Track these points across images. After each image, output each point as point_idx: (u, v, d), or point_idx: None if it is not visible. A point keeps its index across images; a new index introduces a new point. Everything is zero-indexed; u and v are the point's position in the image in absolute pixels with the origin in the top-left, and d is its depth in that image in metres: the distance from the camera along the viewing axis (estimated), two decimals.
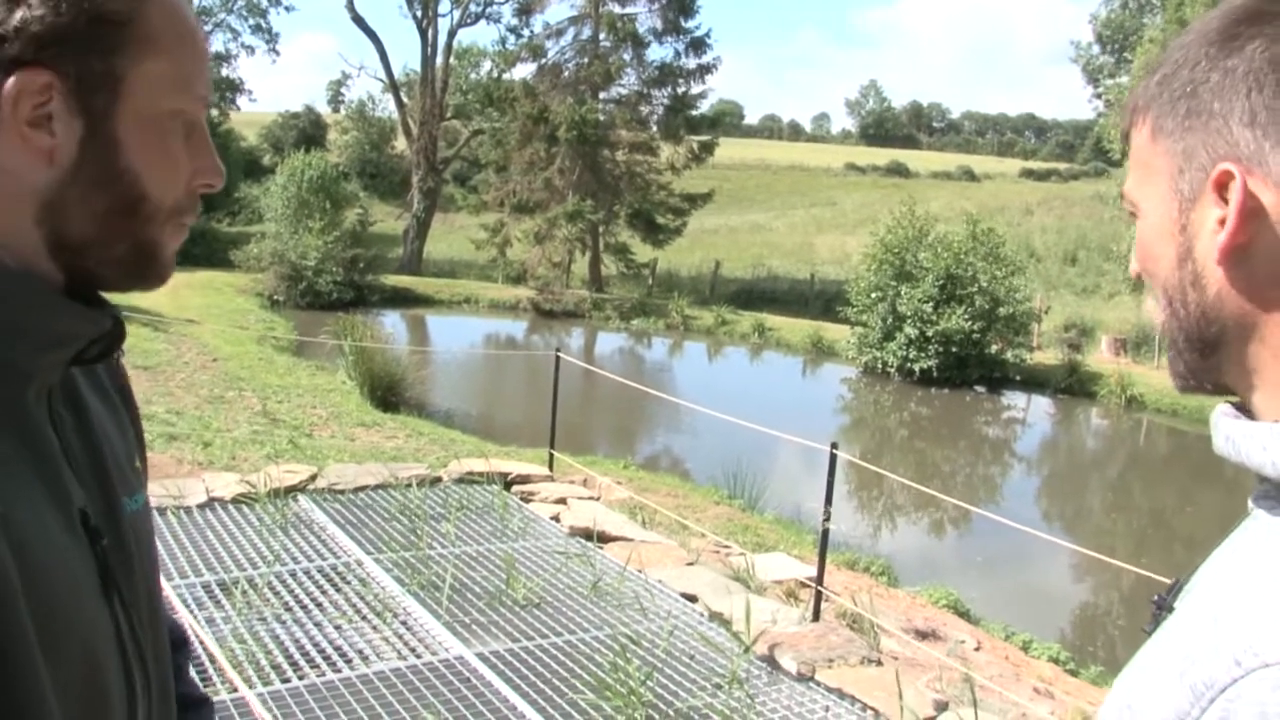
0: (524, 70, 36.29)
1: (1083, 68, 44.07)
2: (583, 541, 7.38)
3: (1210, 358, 0.90)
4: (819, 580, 6.70)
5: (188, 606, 5.57)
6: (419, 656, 5.26)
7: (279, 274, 27.97)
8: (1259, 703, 0.70)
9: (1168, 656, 0.81)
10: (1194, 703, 0.74)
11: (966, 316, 23.07)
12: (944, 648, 7.48)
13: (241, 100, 51.52)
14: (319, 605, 5.80)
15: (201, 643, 5.09)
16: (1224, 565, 0.89)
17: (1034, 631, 9.50)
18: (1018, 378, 24.56)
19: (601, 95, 35.36)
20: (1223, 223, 0.85)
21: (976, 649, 7.92)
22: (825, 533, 6.65)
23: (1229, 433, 0.88)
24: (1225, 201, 0.85)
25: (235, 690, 4.68)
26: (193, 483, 7.77)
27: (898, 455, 19.94)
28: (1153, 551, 13.65)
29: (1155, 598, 1.04)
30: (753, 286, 37.72)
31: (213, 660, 4.95)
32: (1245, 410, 0.92)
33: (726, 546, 8.79)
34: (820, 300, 33.70)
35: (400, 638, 5.48)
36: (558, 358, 9.32)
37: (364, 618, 5.70)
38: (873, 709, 5.22)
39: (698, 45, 35.35)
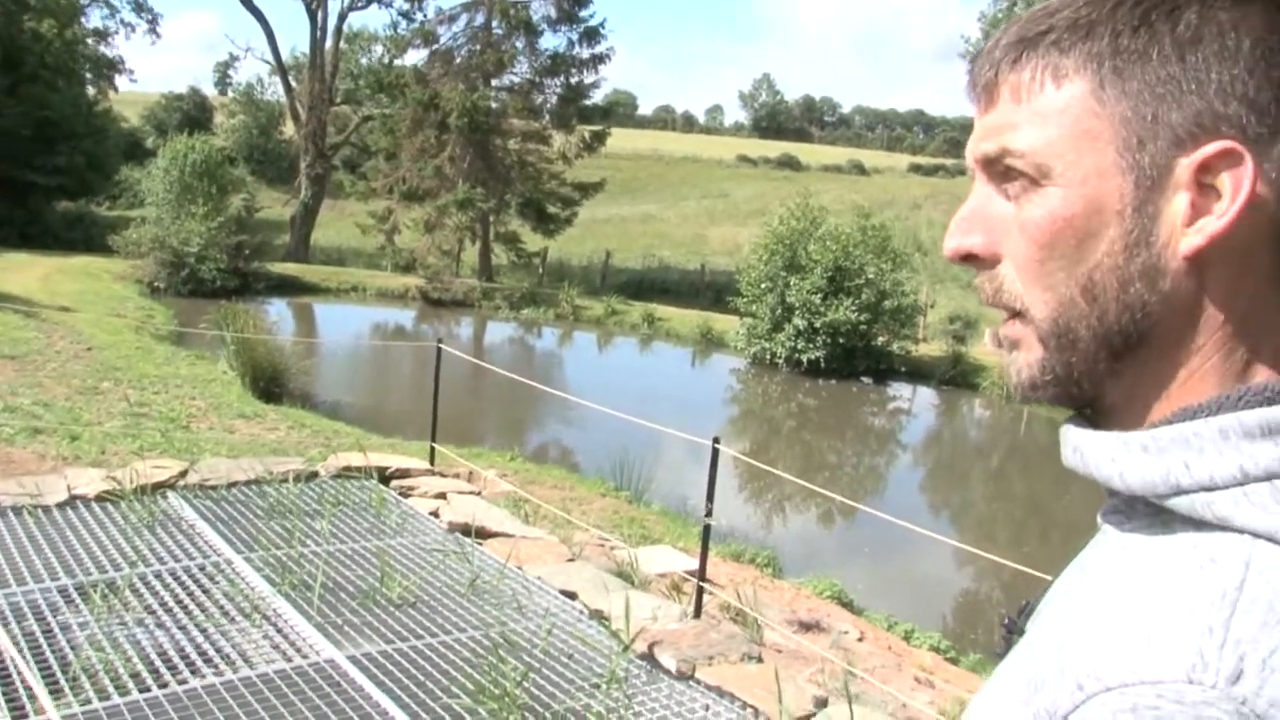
0: (415, 56, 35.93)
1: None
2: (461, 538, 7.23)
3: (1115, 362, 0.80)
4: (701, 576, 6.66)
5: (39, 613, 5.32)
6: (288, 660, 5.08)
7: (159, 260, 27.23)
8: None
9: (1016, 681, 0.76)
10: None
11: (854, 308, 23.33)
12: (827, 639, 7.50)
13: (121, 80, 50.09)
14: (184, 608, 5.58)
15: (54, 651, 4.86)
16: (1072, 585, 0.84)
17: (916, 620, 9.59)
18: (903, 369, 24.91)
19: (494, 83, 35.10)
20: (1195, 206, 0.75)
21: (859, 640, 7.97)
22: (707, 529, 6.61)
23: (1077, 444, 0.82)
24: (1204, 187, 0.75)
25: (89, 702, 4.47)
26: (53, 480, 7.44)
27: (785, 446, 20.09)
28: (1031, 539, 13.91)
29: (1004, 620, 0.99)
30: (643, 277, 37.81)
31: (65, 670, 4.72)
32: (1094, 422, 0.85)
33: (610, 540, 8.72)
34: (711, 291, 33.86)
35: (269, 640, 5.28)
36: (439, 350, 9.15)
37: (232, 620, 5.50)
38: (752, 707, 5.18)
39: (591, 35, 35.24)
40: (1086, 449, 0.81)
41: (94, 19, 44.37)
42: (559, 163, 35.67)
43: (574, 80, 35.73)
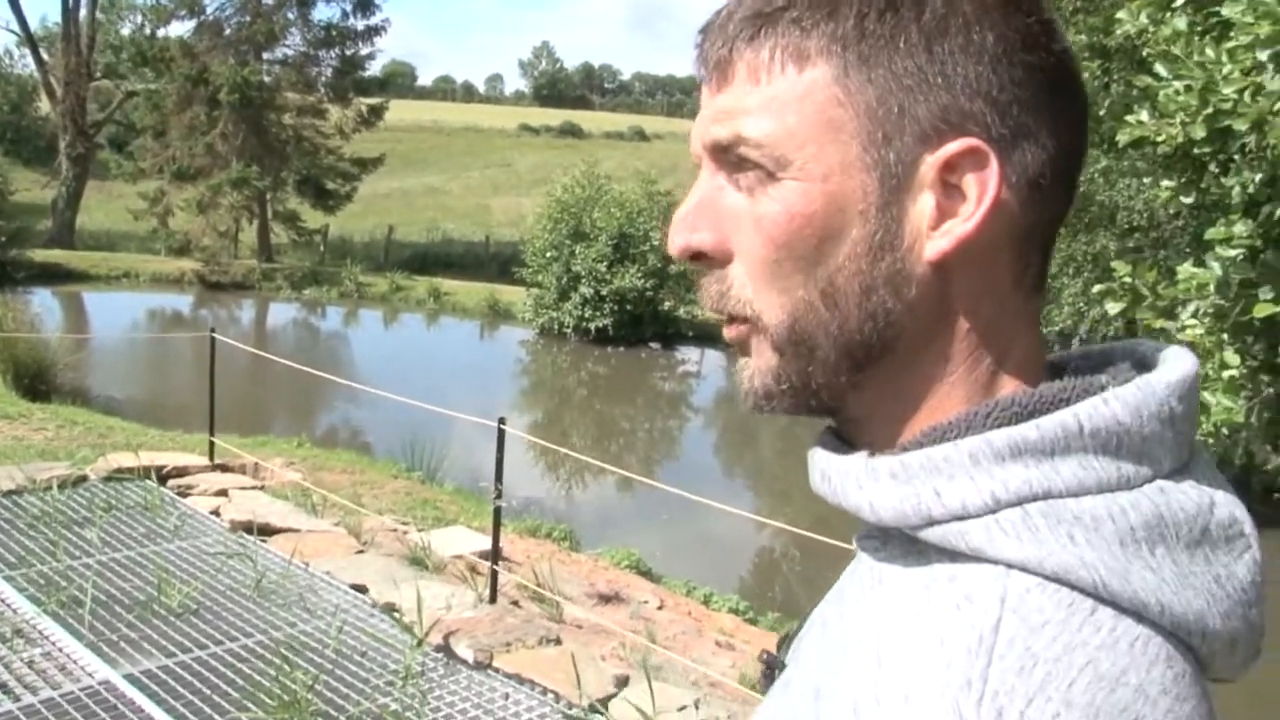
0: (181, 28, 34.44)
1: None
2: (245, 537, 6.95)
3: (857, 373, 0.74)
4: (494, 559, 6.57)
5: None
6: (56, 687, 4.75)
7: None
8: None
9: None
10: None
11: (640, 275, 23.56)
12: (627, 610, 7.54)
13: None
14: None
15: None
16: (831, 618, 0.79)
17: (715, 584, 9.74)
18: (691, 333, 25.29)
19: (265, 56, 33.98)
20: (940, 208, 0.71)
21: (660, 608, 8.04)
22: (498, 511, 6.52)
23: (824, 469, 0.76)
24: (949, 187, 0.71)
25: None
26: None
27: (577, 415, 20.18)
28: None
29: (764, 655, 0.93)
30: (427, 251, 37.31)
31: None
32: (843, 437, 0.80)
33: (405, 524, 8.57)
34: (496, 263, 33.65)
35: (33, 667, 4.94)
36: (213, 339, 8.78)
37: None
38: (553, 692, 5.14)
39: (366, 5, 34.43)
40: (834, 475, 0.75)
41: None
42: (337, 137, 34.83)
43: (349, 52, 34.92)
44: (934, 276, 0.71)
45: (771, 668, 0.90)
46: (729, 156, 0.75)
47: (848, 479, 0.73)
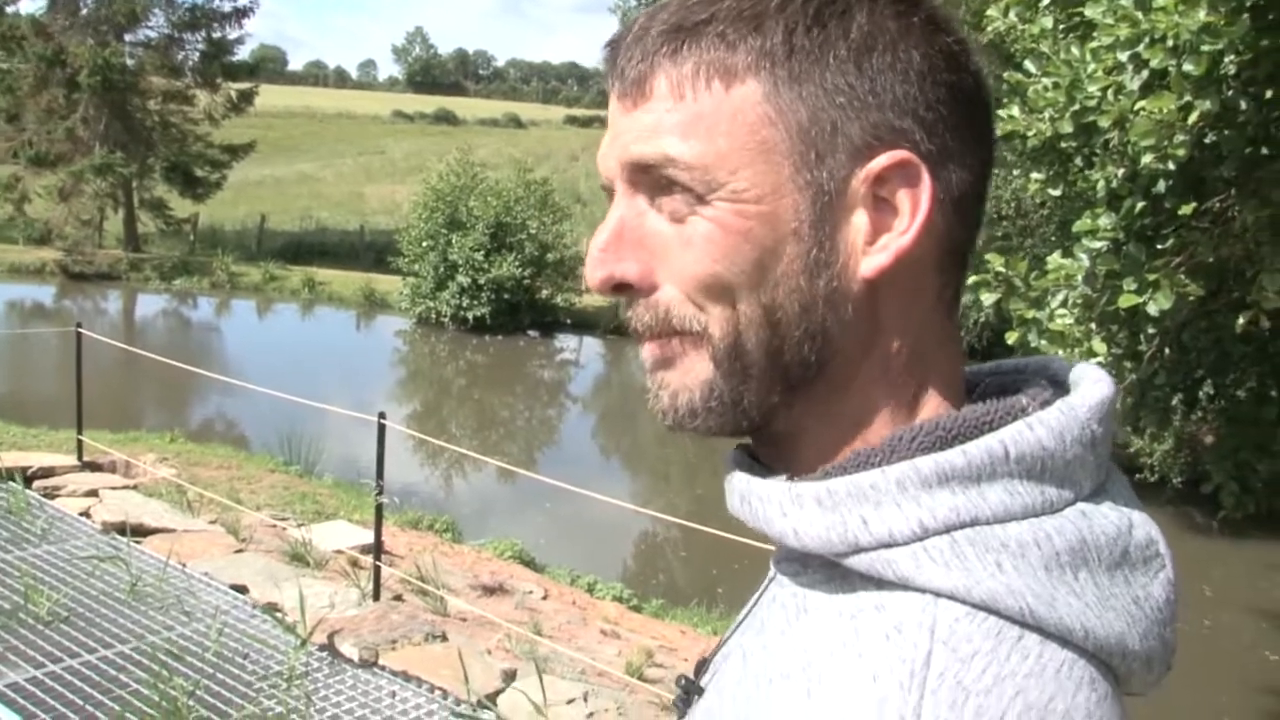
0: (33, 4, 33.25)
1: (620, 18, 45.70)
2: (117, 539, 6.75)
3: (790, 393, 0.73)
4: (377, 555, 6.51)
5: None
6: None
7: None
8: None
9: None
10: None
11: (517, 263, 23.50)
12: (512, 602, 7.53)
13: None
14: None
15: None
16: (751, 648, 0.77)
17: (598, 572, 9.77)
18: (569, 321, 25.28)
19: (128, 38, 33.00)
20: (874, 224, 0.71)
21: (544, 598, 8.05)
22: (379, 508, 6.45)
23: (744, 493, 0.75)
24: (880, 201, 0.70)
25: None
26: None
27: (456, 404, 20.06)
28: (704, 475, 14.29)
29: (681, 680, 0.93)
30: (301, 240, 36.66)
31: None
32: (760, 453, 0.80)
33: (284, 520, 8.44)
34: (371, 252, 33.24)
35: None
36: (79, 334, 8.52)
37: None
38: (440, 689, 5.11)
39: None
40: (755, 500, 0.74)
41: None
42: (205, 123, 33.99)
43: (216, 35, 34.08)
44: (867, 294, 0.71)
45: (689, 694, 0.88)
46: (651, 177, 0.73)
47: (770, 505, 0.72)
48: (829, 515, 0.69)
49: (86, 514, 7.28)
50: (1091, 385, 0.74)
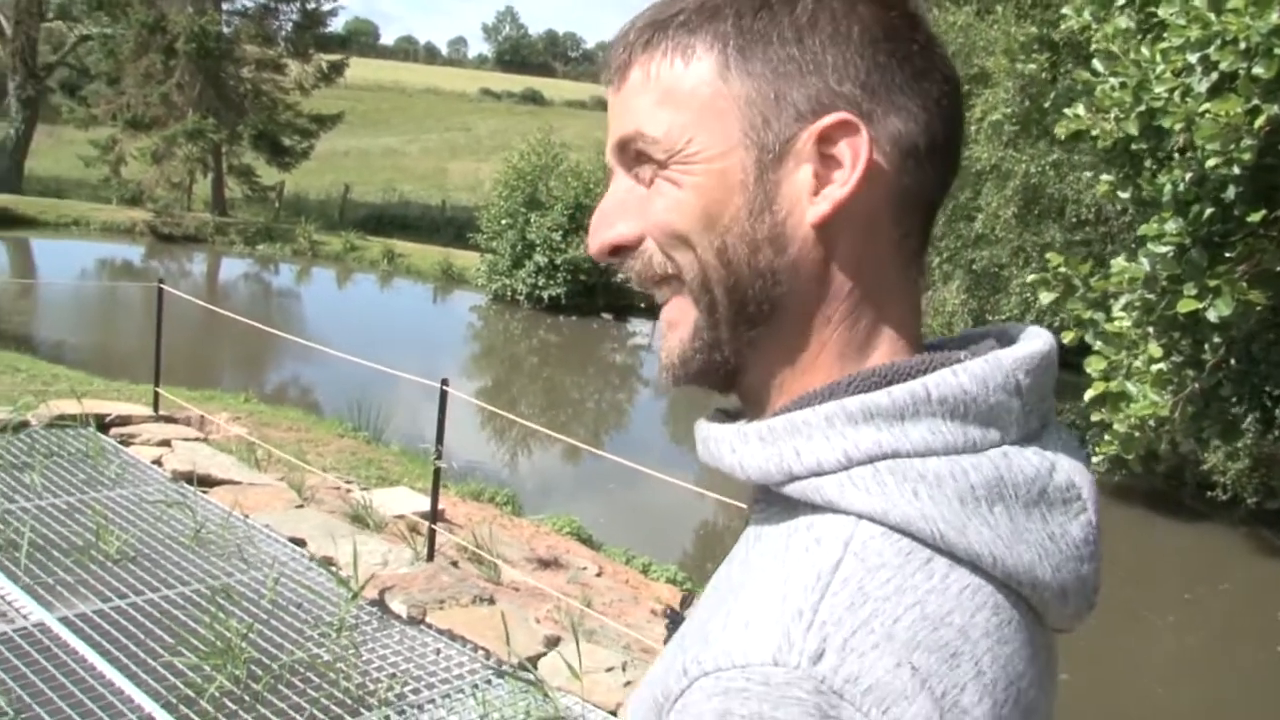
0: None
1: None
2: (185, 487, 6.97)
3: (749, 328, 0.83)
4: (433, 519, 6.65)
5: None
6: None
7: None
8: (696, 710, 0.70)
9: (657, 670, 0.79)
10: (656, 715, 0.75)
11: None
12: (565, 576, 7.63)
13: None
14: None
15: None
16: (720, 576, 0.86)
17: (655, 554, 9.85)
18: (643, 305, 25.28)
19: (225, 6, 33.58)
20: (818, 177, 0.79)
21: (599, 575, 8.14)
22: (437, 472, 6.58)
23: (705, 437, 0.85)
24: (825, 157, 0.79)
25: None
26: None
27: (527, 382, 20.21)
28: None
29: (667, 610, 1.02)
30: (383, 212, 37.07)
31: None
32: (736, 412, 0.89)
33: (348, 483, 8.62)
34: (452, 227, 33.50)
35: None
36: (160, 290, 8.75)
37: None
38: (484, 649, 5.23)
39: None
40: (712, 441, 0.83)
41: None
42: (296, 93, 34.46)
43: (311, 7, 34.55)
44: (817, 239, 0.80)
45: (675, 623, 0.98)
46: (629, 153, 0.84)
47: (723, 444, 0.82)
48: (768, 449, 0.78)
49: (158, 462, 7.51)
50: (1027, 341, 0.83)
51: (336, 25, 37.16)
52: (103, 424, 8.06)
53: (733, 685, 0.69)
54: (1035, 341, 0.83)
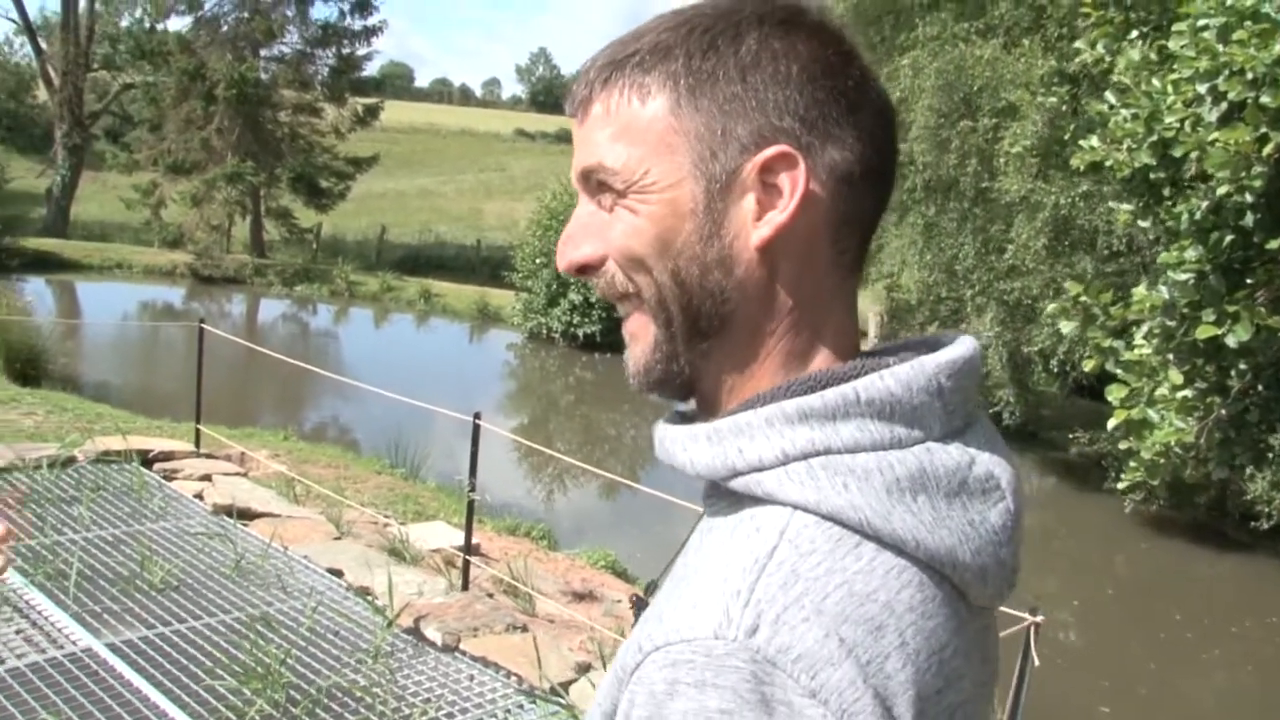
0: (179, 23, 34.47)
1: None
2: (225, 520, 7.14)
3: (701, 341, 0.92)
4: (467, 550, 6.76)
5: None
6: (42, 652, 4.97)
7: None
8: (649, 680, 0.80)
9: (619, 653, 0.89)
10: (619, 688, 0.84)
11: None
12: (600, 608, 7.70)
13: None
14: None
15: None
16: (676, 565, 0.98)
17: None
18: None
19: (263, 53, 34.05)
20: (761, 204, 0.88)
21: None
22: (471, 504, 6.70)
23: (661, 437, 0.95)
24: (767, 186, 0.88)
25: None
26: None
27: (564, 419, 20.28)
28: None
29: (633, 598, 1.14)
30: (420, 252, 37.31)
31: None
32: (691, 415, 0.99)
33: (386, 518, 8.73)
34: (487, 266, 33.66)
35: (21, 634, 5.14)
36: (201, 330, 8.96)
37: None
38: (516, 675, 5.33)
39: (363, 5, 34.55)
40: (667, 441, 0.94)
41: None
42: (332, 136, 34.88)
43: (346, 52, 34.99)
44: (760, 262, 0.90)
45: (641, 609, 1.08)
46: (592, 180, 0.94)
47: (676, 443, 0.92)
48: (715, 447, 0.89)
49: (199, 496, 7.69)
50: (951, 347, 0.93)
51: (372, 69, 37.63)
52: (146, 460, 8.27)
53: (680, 657, 0.79)
54: (959, 348, 0.92)
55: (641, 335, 0.96)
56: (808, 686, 0.76)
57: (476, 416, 6.48)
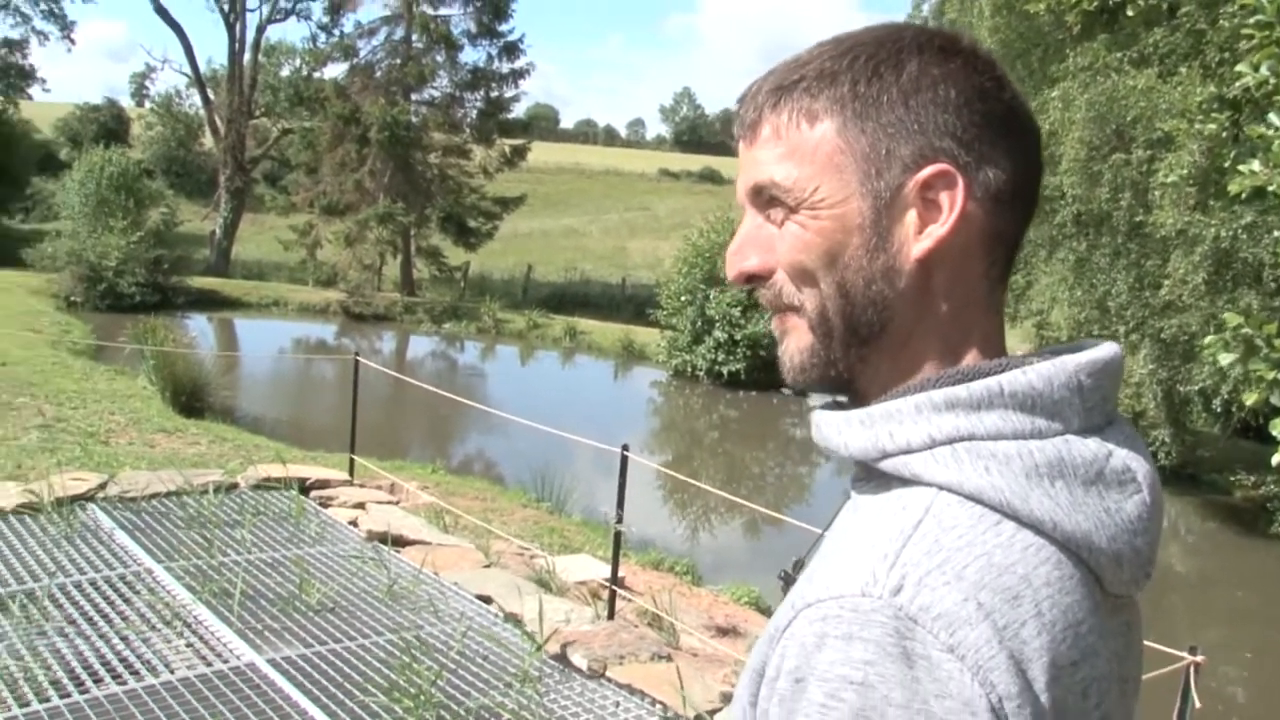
0: (335, 70, 35.83)
1: None
2: (379, 546, 7.35)
3: (860, 347, 0.99)
4: (613, 580, 6.83)
5: None
6: (209, 665, 5.19)
7: (75, 274, 26.92)
8: (800, 634, 0.86)
9: (765, 630, 0.95)
10: (770, 645, 0.90)
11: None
12: (744, 643, 7.68)
13: (34, 90, 48.99)
14: (105, 617, 5.65)
15: None
16: (825, 541, 1.03)
17: None
18: None
19: (414, 97, 35.13)
20: (922, 219, 0.95)
21: None
22: (618, 535, 6.78)
23: (818, 422, 1.02)
24: (928, 202, 0.95)
25: (9, 709, 4.54)
26: None
27: (708, 456, 20.28)
28: None
29: (781, 573, 1.20)
30: (565, 290, 37.87)
31: None
32: (847, 405, 1.04)
33: (530, 549, 8.85)
34: (632, 304, 34.01)
35: (190, 647, 5.38)
36: (356, 362, 9.24)
37: (153, 628, 5.57)
38: (661, 703, 5.36)
39: (511, 49, 35.43)
40: (823, 426, 1.01)
41: (3, 27, 43.60)
42: (480, 176, 35.75)
43: (494, 94, 35.91)
44: (919, 271, 0.96)
45: (788, 583, 1.15)
46: (763, 197, 1.00)
47: (831, 427, 0.99)
48: (867, 430, 0.96)
49: (354, 523, 7.93)
50: (1092, 350, 0.98)
51: (519, 111, 38.44)
52: (304, 487, 8.57)
53: (829, 612, 0.85)
54: (1101, 350, 0.99)
55: (796, 334, 1.03)
56: (946, 643, 0.82)
57: (624, 448, 6.56)
